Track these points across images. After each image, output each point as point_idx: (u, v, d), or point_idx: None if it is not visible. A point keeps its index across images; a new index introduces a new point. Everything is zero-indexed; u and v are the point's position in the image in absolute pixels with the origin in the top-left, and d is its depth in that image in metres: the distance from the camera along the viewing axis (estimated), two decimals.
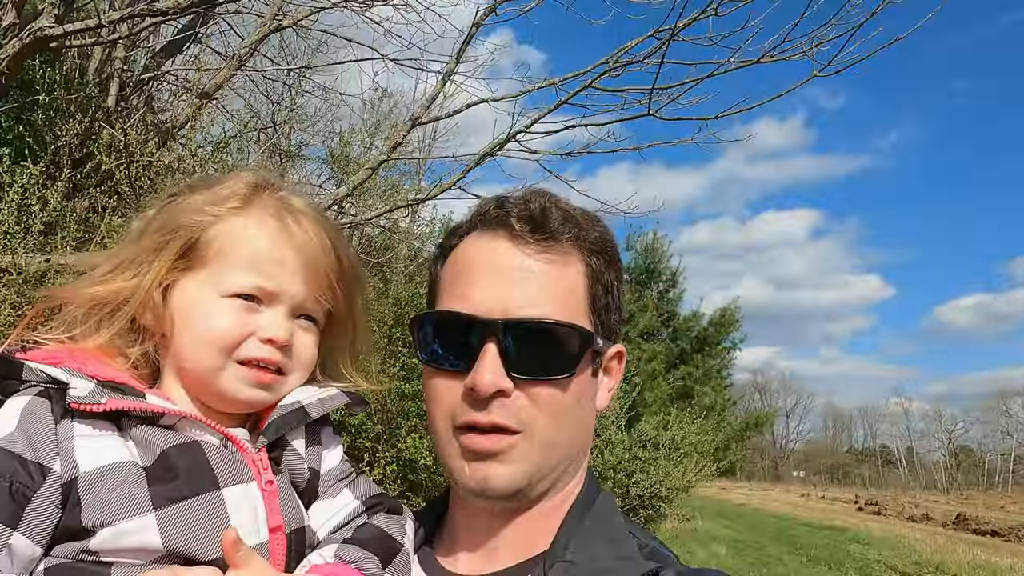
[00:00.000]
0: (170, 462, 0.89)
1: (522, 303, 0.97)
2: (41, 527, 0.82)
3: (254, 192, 1.04)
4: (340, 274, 1.06)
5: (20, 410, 0.87)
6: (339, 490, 1.05)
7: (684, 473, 10.76)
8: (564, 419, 1.00)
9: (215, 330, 0.96)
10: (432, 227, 13.51)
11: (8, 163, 5.21)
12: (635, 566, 0.94)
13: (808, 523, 25.86)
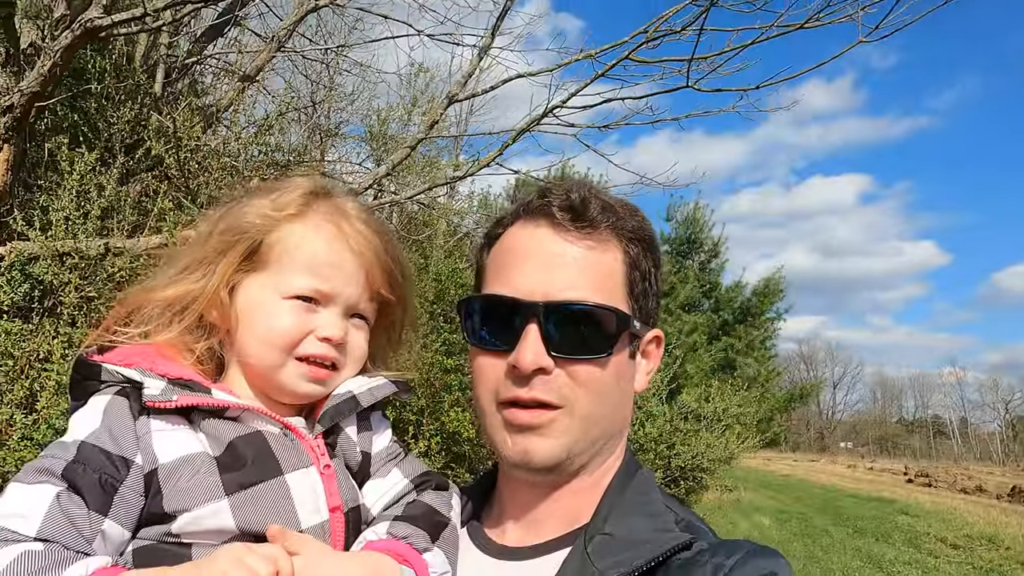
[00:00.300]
0: (238, 451, 0.97)
1: (562, 286, 1.03)
2: (129, 514, 0.90)
3: (311, 199, 1.10)
4: (391, 275, 1.12)
5: (103, 408, 0.95)
6: (389, 470, 1.13)
7: (726, 445, 10.72)
8: (603, 396, 1.05)
9: (276, 329, 1.03)
10: (471, 202, 13.56)
11: (65, 151, 5.43)
12: (671, 538, 0.97)
13: (855, 494, 25.49)
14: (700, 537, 0.99)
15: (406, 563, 1.00)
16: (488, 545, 1.12)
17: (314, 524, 0.98)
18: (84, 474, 0.88)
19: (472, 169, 6.08)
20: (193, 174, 6.04)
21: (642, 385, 1.14)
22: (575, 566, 0.97)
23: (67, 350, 4.68)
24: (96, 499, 0.87)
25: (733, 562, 0.91)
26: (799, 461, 55.05)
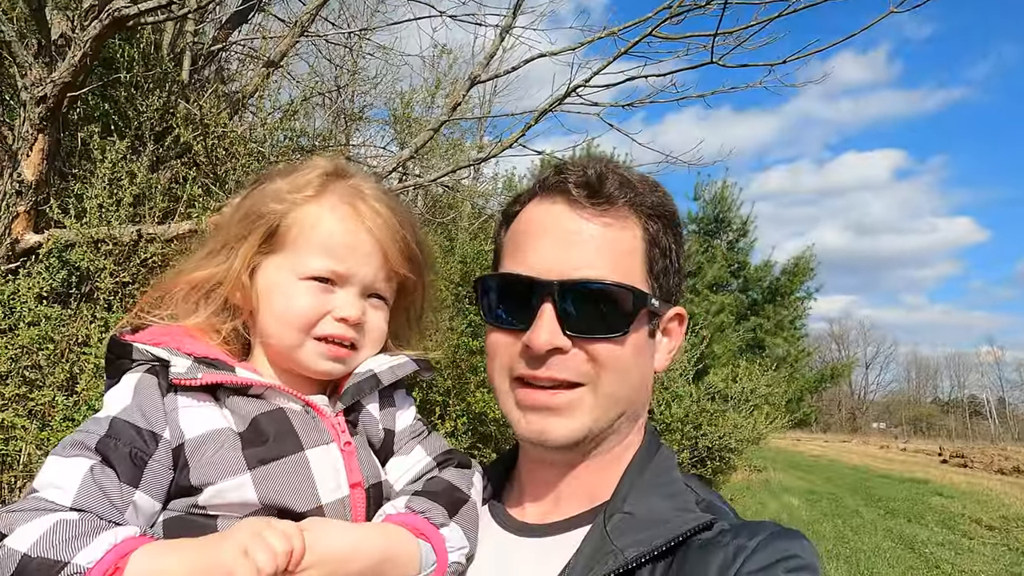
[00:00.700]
0: (260, 428, 0.99)
1: (578, 264, 1.01)
2: (158, 486, 0.94)
3: (328, 180, 1.10)
4: (408, 255, 1.12)
5: (134, 385, 0.99)
6: (412, 447, 1.15)
7: (754, 425, 10.64)
8: (624, 375, 1.04)
9: (294, 310, 1.05)
10: (495, 183, 13.54)
11: (97, 139, 5.55)
12: (691, 518, 0.97)
13: (887, 475, 25.16)
14: (721, 518, 0.98)
15: (423, 537, 1.02)
16: (508, 522, 1.13)
17: (335, 499, 1.00)
18: (116, 448, 0.92)
19: (494, 151, 6.07)
20: (220, 160, 6.13)
21: (663, 364, 1.12)
22: (594, 544, 0.97)
23: (104, 334, 4.83)
24: (127, 472, 0.91)
25: (755, 543, 0.90)
26: (830, 442, 54.40)
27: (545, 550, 1.04)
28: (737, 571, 0.88)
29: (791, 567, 0.88)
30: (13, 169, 5.46)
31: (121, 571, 0.82)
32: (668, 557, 0.94)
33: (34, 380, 4.76)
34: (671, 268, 1.08)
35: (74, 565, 0.80)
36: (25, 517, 0.84)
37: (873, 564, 9.60)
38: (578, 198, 1.04)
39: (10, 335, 4.74)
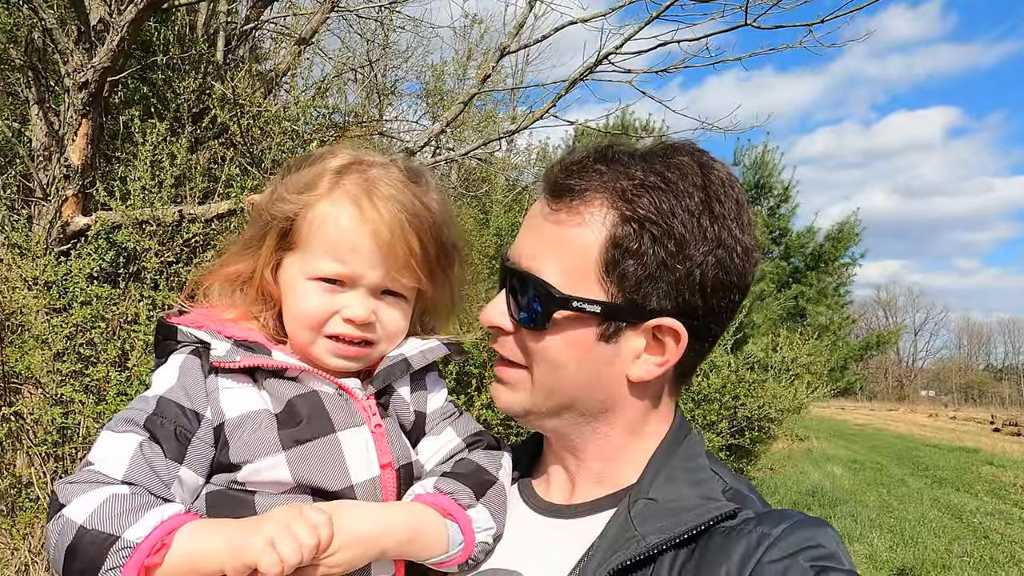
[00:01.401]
0: (295, 409, 1.03)
1: (527, 254, 1.03)
2: (201, 462, 0.99)
3: (339, 176, 1.08)
4: (421, 252, 1.08)
5: (179, 366, 1.04)
6: (443, 428, 1.17)
7: (795, 395, 10.49)
8: (551, 369, 1.03)
9: (304, 310, 1.07)
10: (528, 155, 13.44)
11: (138, 122, 5.69)
12: (715, 507, 0.95)
13: (935, 444, 24.60)
14: (747, 506, 0.97)
15: (450, 517, 1.04)
16: (536, 502, 1.14)
17: (365, 479, 1.03)
18: (162, 425, 0.96)
19: (525, 123, 6.02)
20: (256, 140, 6.22)
21: (641, 375, 1.02)
22: (618, 528, 0.98)
23: (151, 312, 5.01)
24: (172, 448, 0.96)
25: (779, 531, 0.89)
26: (875, 410, 53.30)
27: (570, 531, 1.05)
28: (759, 559, 0.87)
29: (814, 556, 0.86)
30: (60, 154, 5.65)
31: (167, 547, 0.87)
32: (691, 544, 0.93)
33: (89, 357, 4.98)
34: (646, 273, 0.96)
35: (124, 540, 0.85)
36: (82, 489, 0.89)
37: (918, 534, 9.46)
38: (545, 191, 1.04)
39: (65, 314, 4.96)
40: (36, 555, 5.04)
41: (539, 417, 1.08)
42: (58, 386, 4.77)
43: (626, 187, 0.97)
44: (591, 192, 0.99)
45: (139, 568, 0.85)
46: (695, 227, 0.96)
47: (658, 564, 0.93)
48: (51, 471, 5.09)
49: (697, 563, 0.91)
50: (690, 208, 0.97)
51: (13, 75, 6.23)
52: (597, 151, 1.03)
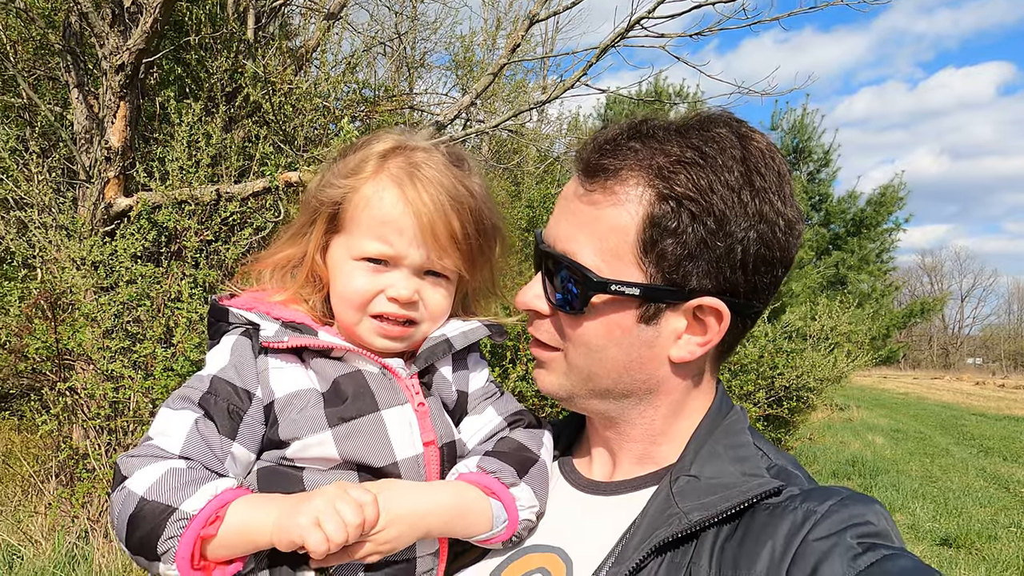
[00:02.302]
0: (340, 388, 1.06)
1: (561, 237, 1.02)
2: (252, 438, 1.03)
3: (383, 159, 1.10)
4: (462, 232, 1.10)
5: (230, 347, 1.07)
6: (484, 408, 1.19)
7: (834, 363, 10.29)
8: (589, 352, 1.02)
9: (350, 290, 1.10)
10: (560, 125, 13.28)
11: (174, 103, 5.79)
12: (758, 484, 0.93)
13: (982, 413, 23.97)
14: (792, 483, 0.95)
15: (493, 495, 1.06)
16: (577, 479, 1.14)
17: (409, 456, 1.06)
18: (216, 403, 1.01)
19: (556, 92, 5.93)
20: (288, 117, 6.27)
21: (684, 356, 1.00)
22: (659, 505, 0.97)
23: (193, 290, 5.14)
24: (225, 425, 1.00)
25: (825, 508, 0.87)
26: (919, 379, 52.08)
27: (611, 509, 1.05)
28: (805, 536, 0.85)
29: (862, 533, 0.84)
30: (101, 137, 5.79)
31: (221, 519, 0.91)
32: (734, 521, 0.92)
33: (136, 334, 5.15)
34: (687, 252, 0.94)
35: (181, 511, 0.90)
36: (142, 462, 0.94)
37: (962, 504, 9.28)
38: (579, 170, 1.02)
39: (112, 293, 5.12)
40: (95, 522, 5.30)
41: (582, 399, 1.08)
42: (108, 363, 4.95)
43: (662, 164, 0.95)
44: (626, 171, 0.96)
45: (195, 538, 0.90)
46: (735, 202, 0.94)
47: (700, 541, 0.92)
48: (105, 443, 5.31)
49: (741, 540, 0.90)
50: (729, 183, 0.94)
51: (53, 60, 6.37)
52: (630, 127, 1.00)
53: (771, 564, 0.85)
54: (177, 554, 0.89)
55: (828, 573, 0.80)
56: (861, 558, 0.81)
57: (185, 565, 0.89)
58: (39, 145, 5.79)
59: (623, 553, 0.95)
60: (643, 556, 0.92)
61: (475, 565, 1.10)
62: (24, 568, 4.90)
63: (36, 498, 5.86)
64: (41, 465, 6.13)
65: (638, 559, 0.92)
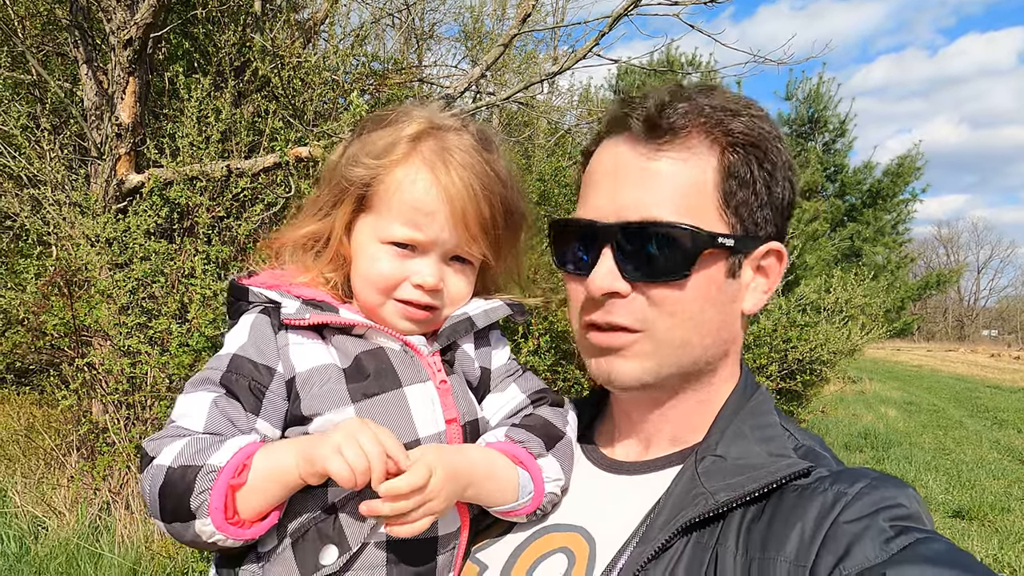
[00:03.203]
0: (362, 364, 1.06)
1: (635, 204, 0.97)
2: (276, 414, 1.02)
3: (415, 141, 1.08)
4: (491, 219, 1.09)
5: (250, 324, 1.07)
6: (507, 385, 1.18)
7: (848, 336, 10.23)
8: (686, 320, 0.99)
9: (375, 274, 1.08)
10: (571, 96, 13.11)
11: (182, 78, 5.75)
12: (786, 464, 0.92)
13: (997, 385, 23.83)
14: (820, 464, 0.94)
15: (520, 464, 1.06)
16: (599, 459, 1.13)
17: (431, 433, 1.05)
18: (237, 381, 1.01)
19: (567, 63, 5.84)
20: (298, 92, 6.22)
21: (755, 305, 1.03)
22: (685, 485, 0.96)
23: (206, 266, 5.16)
24: (249, 402, 1.00)
25: (856, 490, 0.86)
26: (933, 351, 51.75)
27: (634, 488, 1.04)
28: (836, 518, 0.84)
29: (894, 516, 0.82)
30: (111, 113, 5.77)
31: (248, 467, 0.93)
32: (760, 502, 0.91)
33: (151, 310, 5.20)
34: (759, 200, 0.98)
35: (209, 465, 0.91)
36: (167, 442, 0.95)
37: (976, 476, 9.27)
38: (637, 133, 0.98)
39: (126, 270, 5.16)
40: (116, 494, 5.41)
41: (671, 378, 1.03)
42: (125, 339, 5.00)
43: (720, 117, 0.97)
44: (689, 127, 0.97)
45: (226, 487, 0.91)
46: (778, 151, 1.00)
47: (726, 521, 0.91)
48: (123, 417, 5.40)
49: (769, 521, 0.88)
50: (772, 131, 1.00)
51: (61, 35, 6.34)
52: (671, 91, 1.00)
53: (800, 545, 0.83)
54: (210, 506, 0.90)
55: (860, 555, 0.79)
56: (894, 541, 0.79)
57: (219, 516, 0.90)
58: (50, 122, 5.78)
59: (648, 533, 0.94)
60: (669, 536, 0.91)
61: (496, 543, 1.09)
62: (49, 538, 5.02)
63: (59, 471, 5.98)
64: (62, 439, 6.25)
65: (664, 539, 0.91)
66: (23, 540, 5.03)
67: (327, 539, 0.99)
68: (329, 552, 0.98)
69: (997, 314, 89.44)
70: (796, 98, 24.84)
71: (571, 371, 6.34)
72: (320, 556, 0.98)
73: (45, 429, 6.53)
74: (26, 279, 5.56)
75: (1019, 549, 6.29)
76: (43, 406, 7.24)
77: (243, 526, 0.94)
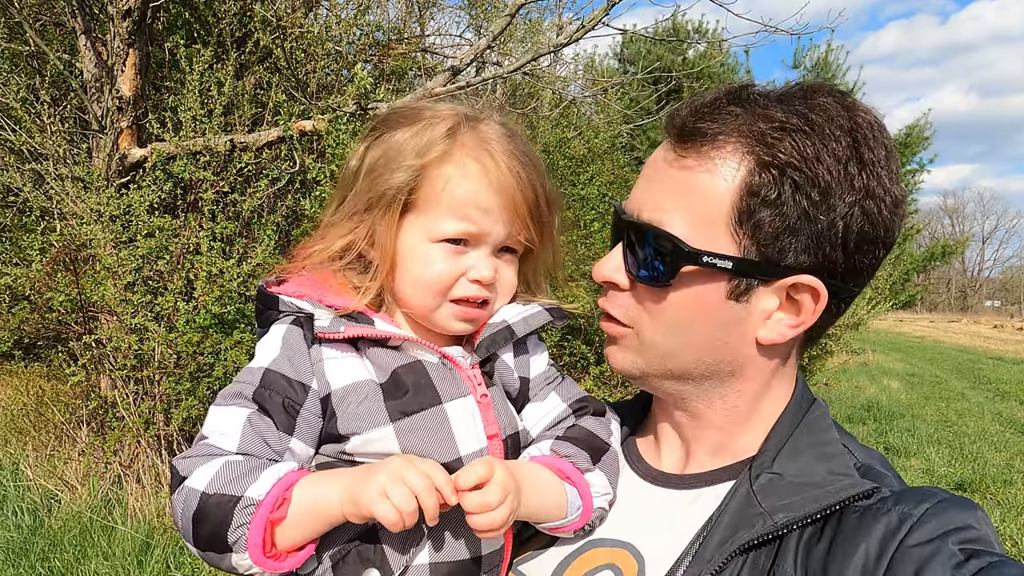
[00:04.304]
0: (400, 379, 1.01)
1: (648, 206, 0.96)
2: (310, 433, 0.99)
3: (453, 135, 1.04)
4: (536, 206, 1.07)
5: (282, 337, 1.02)
6: (547, 394, 1.15)
7: (854, 310, 10.22)
8: (670, 328, 0.97)
9: (429, 274, 1.03)
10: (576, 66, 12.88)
11: (183, 49, 5.65)
12: (849, 484, 0.88)
13: (999, 356, 23.87)
14: (882, 484, 0.90)
15: (568, 480, 1.03)
16: (645, 470, 1.10)
17: (473, 451, 1.02)
18: (270, 398, 0.96)
19: (576, 35, 5.72)
20: (300, 63, 6.11)
21: (773, 338, 0.95)
22: (740, 503, 0.92)
23: (212, 243, 5.13)
24: (282, 420, 0.96)
25: (922, 511, 0.82)
26: (936, 322, 51.74)
27: (684, 504, 1.01)
28: (902, 541, 0.80)
29: (964, 539, 0.79)
30: (111, 85, 5.69)
31: (288, 501, 0.90)
32: (819, 522, 0.88)
33: (157, 287, 5.18)
34: (786, 225, 0.88)
35: (247, 498, 0.87)
36: (199, 462, 0.92)
37: (978, 448, 9.32)
38: (670, 136, 0.96)
39: (131, 246, 5.13)
40: (127, 468, 5.47)
41: (656, 379, 1.03)
42: (131, 316, 4.99)
43: (765, 130, 0.89)
44: (724, 136, 0.91)
45: (265, 522, 0.88)
46: (842, 174, 0.88)
47: (784, 542, 0.88)
48: (132, 392, 5.43)
49: (829, 544, 0.85)
50: (836, 153, 0.88)
51: (58, 4, 6.20)
52: (730, 91, 0.94)
53: (864, 570, 0.80)
54: (248, 541, 0.87)
55: None
56: (965, 566, 0.76)
57: (257, 551, 0.88)
58: (50, 94, 5.69)
59: (701, 553, 0.91)
60: (726, 558, 0.88)
61: (540, 556, 1.07)
62: (62, 511, 5.09)
63: (69, 445, 6.04)
64: (72, 413, 6.30)
65: (720, 561, 0.88)
66: (37, 513, 5.10)
67: (368, 563, 0.97)
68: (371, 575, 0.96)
69: (1001, 285, 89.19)
70: (804, 66, 24.43)
71: (577, 346, 6.35)
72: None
73: (54, 403, 6.58)
74: (31, 255, 5.54)
75: (1021, 522, 6.35)
76: (51, 380, 7.28)
77: (280, 558, 0.91)
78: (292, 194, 5.79)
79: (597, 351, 6.50)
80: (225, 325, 5.01)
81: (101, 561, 4.45)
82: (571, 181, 7.93)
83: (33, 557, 4.46)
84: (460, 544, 1.00)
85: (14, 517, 5.03)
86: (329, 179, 4.92)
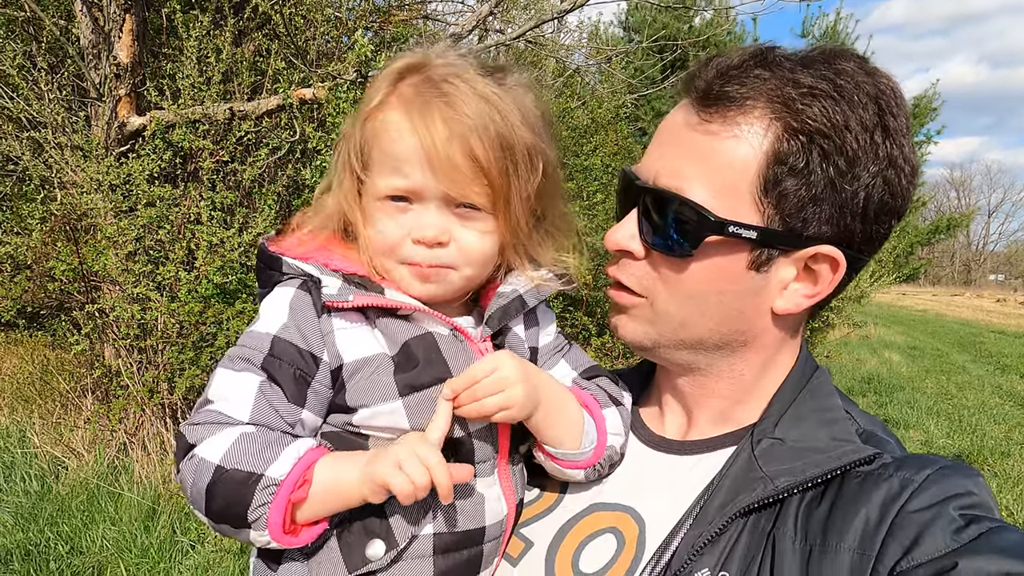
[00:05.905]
0: (411, 351, 0.97)
1: (666, 172, 0.93)
2: (320, 404, 0.97)
3: (395, 84, 0.98)
4: (486, 155, 0.94)
5: (289, 303, 0.98)
6: (556, 361, 1.13)
7: (856, 283, 10.19)
8: (687, 299, 0.95)
9: (377, 235, 0.99)
10: (580, 33, 12.67)
11: (180, 15, 5.55)
12: (851, 450, 0.88)
13: (1001, 330, 23.89)
14: (884, 450, 0.90)
15: (587, 409, 1.03)
16: (647, 436, 1.10)
17: (482, 425, 1.01)
18: (281, 368, 0.94)
19: (580, 0, 5.61)
20: (300, 30, 6.01)
21: (786, 307, 0.94)
22: (741, 467, 0.92)
23: (212, 212, 5.10)
24: (293, 391, 0.94)
25: (923, 478, 0.82)
26: (938, 296, 51.67)
27: (685, 469, 1.01)
28: (902, 506, 0.81)
29: (964, 504, 0.79)
30: (109, 52, 5.61)
31: (309, 482, 0.89)
32: (819, 487, 0.88)
33: (158, 257, 5.18)
34: (811, 194, 0.87)
35: (268, 477, 0.86)
36: (208, 430, 0.89)
37: (977, 421, 9.37)
38: (693, 99, 0.93)
39: (131, 216, 5.11)
40: (132, 436, 5.52)
41: (668, 350, 1.01)
42: (133, 286, 5.00)
43: (794, 95, 0.86)
44: (752, 100, 0.88)
45: (286, 503, 0.88)
46: (868, 143, 0.87)
47: (784, 506, 0.88)
48: (136, 361, 5.46)
49: (830, 508, 0.85)
50: (864, 121, 0.86)
51: None
52: (755, 53, 0.90)
53: (864, 534, 0.81)
54: (269, 521, 0.87)
55: (930, 545, 0.77)
56: (965, 531, 0.77)
57: (278, 531, 0.88)
58: (47, 61, 5.61)
59: (702, 516, 0.91)
60: (726, 520, 0.88)
61: (542, 519, 1.07)
62: (69, 478, 5.16)
63: (75, 413, 6.10)
64: (76, 382, 6.35)
65: (721, 523, 0.88)
66: (44, 479, 5.17)
67: (372, 533, 0.96)
68: (375, 546, 0.95)
69: (1005, 259, 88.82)
70: (812, 35, 24.00)
71: (579, 317, 6.35)
72: (366, 549, 0.95)
73: (59, 372, 6.63)
74: (31, 224, 5.52)
75: (1017, 492, 6.41)
76: (56, 349, 7.33)
77: (295, 533, 0.91)
78: (293, 163, 5.74)
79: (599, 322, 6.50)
80: (227, 295, 5.01)
81: (108, 526, 4.52)
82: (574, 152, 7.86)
83: (42, 522, 4.53)
84: (464, 516, 1.00)
85: (22, 483, 5.10)
86: (329, 148, 4.89)
